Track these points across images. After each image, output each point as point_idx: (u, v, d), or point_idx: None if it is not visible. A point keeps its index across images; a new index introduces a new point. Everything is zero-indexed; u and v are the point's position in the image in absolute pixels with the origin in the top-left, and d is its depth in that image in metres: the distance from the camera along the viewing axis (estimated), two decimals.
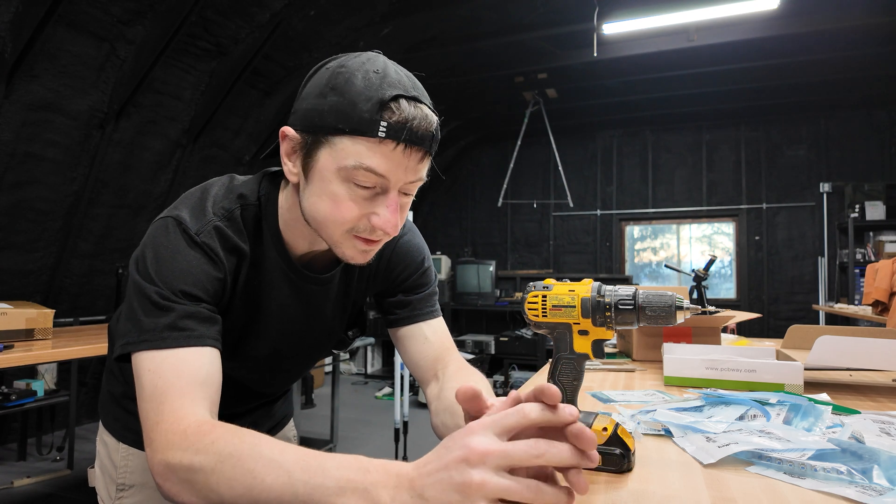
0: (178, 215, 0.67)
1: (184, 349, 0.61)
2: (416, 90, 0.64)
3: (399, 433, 3.09)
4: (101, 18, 2.85)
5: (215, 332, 0.65)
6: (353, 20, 3.77)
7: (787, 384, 0.99)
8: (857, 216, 4.86)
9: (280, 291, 0.77)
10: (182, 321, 0.62)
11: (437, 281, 0.91)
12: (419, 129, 0.62)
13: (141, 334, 0.61)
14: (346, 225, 0.65)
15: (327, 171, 0.63)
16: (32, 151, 3.00)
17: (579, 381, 0.66)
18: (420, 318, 0.85)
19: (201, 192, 0.71)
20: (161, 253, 0.65)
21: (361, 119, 0.60)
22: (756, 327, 5.36)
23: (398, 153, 0.61)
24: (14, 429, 3.49)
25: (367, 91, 0.61)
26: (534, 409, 0.43)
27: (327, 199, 0.64)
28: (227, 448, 0.51)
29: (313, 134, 0.64)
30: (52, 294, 3.49)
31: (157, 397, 0.58)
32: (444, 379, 0.79)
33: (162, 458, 0.54)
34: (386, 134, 0.60)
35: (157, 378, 0.59)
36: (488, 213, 6.65)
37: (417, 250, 0.87)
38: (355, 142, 0.61)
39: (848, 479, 0.56)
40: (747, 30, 3.95)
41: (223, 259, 0.68)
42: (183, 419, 0.56)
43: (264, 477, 0.48)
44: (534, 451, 0.40)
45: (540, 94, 5.22)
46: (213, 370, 0.63)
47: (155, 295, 0.62)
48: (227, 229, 0.69)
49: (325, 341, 0.89)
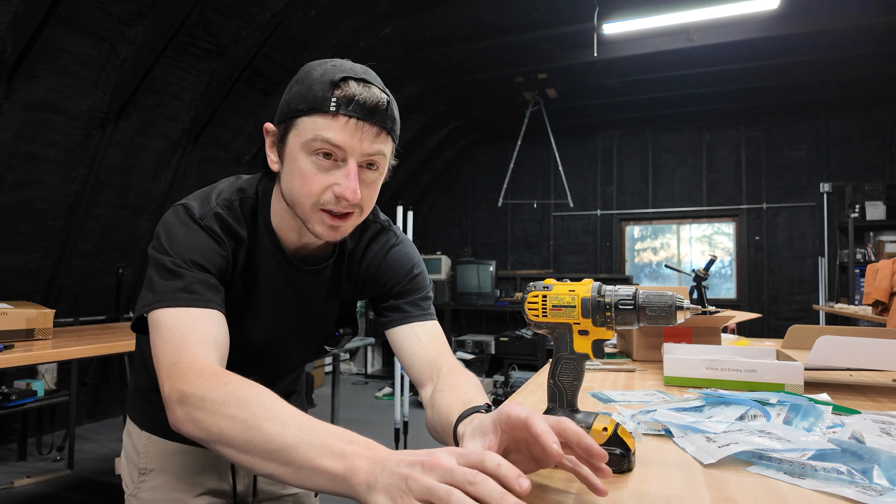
0: (187, 203, 0.77)
1: (195, 309, 0.69)
2: (367, 75, 0.73)
3: (399, 433, 3.09)
4: (101, 18, 2.85)
5: (220, 299, 0.73)
6: (353, 20, 3.77)
7: (788, 384, 0.99)
8: (857, 216, 4.86)
9: (274, 276, 0.84)
10: (193, 285, 0.70)
11: (431, 286, 0.95)
12: (367, 102, 0.70)
13: (156, 296, 0.69)
14: (312, 197, 0.72)
15: (294, 148, 0.72)
16: (33, 151, 3.00)
17: (579, 381, 0.66)
18: (411, 319, 0.88)
19: (210, 188, 0.81)
20: (173, 231, 0.74)
21: (315, 98, 0.70)
22: (756, 327, 5.36)
23: (351, 125, 0.69)
24: (14, 429, 3.49)
25: (321, 77, 0.71)
26: (492, 460, 0.46)
27: (297, 175, 0.72)
28: (236, 390, 0.58)
29: (284, 122, 0.73)
30: (53, 294, 3.49)
31: (175, 342, 0.66)
32: (438, 382, 0.80)
33: (179, 387, 0.61)
34: (336, 108, 0.69)
35: (174, 328, 0.67)
36: (488, 213, 6.65)
37: (407, 259, 0.92)
38: (313, 118, 0.70)
39: (848, 480, 0.56)
40: (747, 30, 3.95)
41: (225, 240, 0.77)
42: (200, 362, 0.63)
43: (262, 421, 0.54)
44: (470, 477, 0.44)
45: (540, 93, 5.22)
46: (221, 330, 0.70)
47: (169, 263, 0.71)
48: (227, 216, 0.78)
49: (315, 332, 0.94)
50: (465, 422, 0.64)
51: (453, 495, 0.42)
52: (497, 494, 0.43)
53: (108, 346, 2.01)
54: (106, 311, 3.82)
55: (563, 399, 0.65)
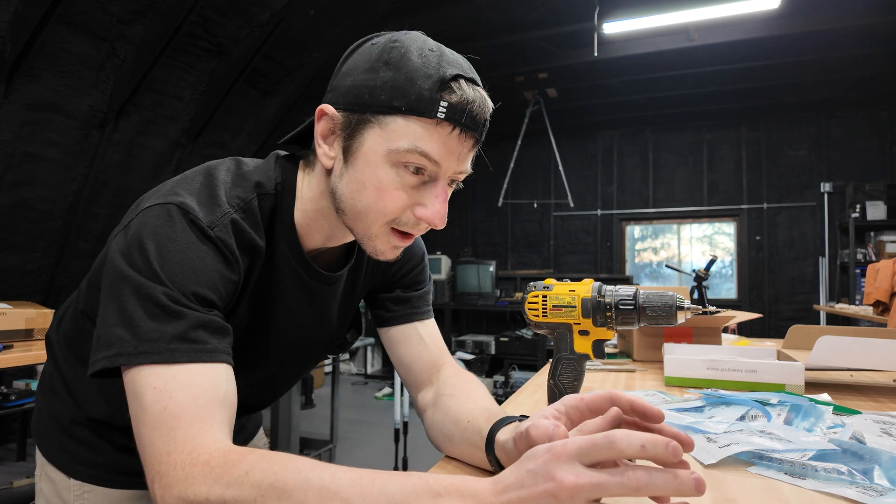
0: (184, 203, 0.56)
1: (197, 365, 0.51)
2: (473, 72, 0.60)
3: (399, 433, 3.09)
4: (100, 18, 2.85)
5: (227, 345, 0.55)
6: (353, 20, 3.77)
7: (788, 384, 0.98)
8: (857, 216, 4.86)
9: (289, 294, 0.69)
10: (194, 331, 0.52)
11: (431, 283, 0.88)
12: (478, 113, 0.57)
13: (140, 344, 0.50)
14: (388, 216, 0.59)
15: (375, 153, 0.57)
16: (32, 151, 3.00)
17: (580, 382, 0.65)
18: (416, 316, 0.81)
19: (205, 178, 0.62)
20: (166, 246, 0.53)
21: (420, 97, 0.54)
22: (757, 327, 5.36)
23: (454, 138, 0.56)
24: (13, 429, 3.49)
25: (425, 68, 0.55)
26: (627, 443, 0.38)
27: (372, 186, 0.58)
28: (266, 478, 0.44)
29: (360, 112, 0.57)
30: (52, 294, 3.49)
31: (168, 422, 0.48)
32: (440, 384, 0.76)
33: (180, 494, 0.45)
34: (445, 115, 0.55)
35: (165, 398, 0.49)
36: (488, 213, 6.65)
37: (417, 245, 0.83)
38: (410, 122, 0.55)
39: (849, 480, 0.55)
40: (748, 29, 3.95)
41: (238, 258, 0.59)
42: (204, 447, 0.47)
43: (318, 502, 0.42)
44: (631, 483, 0.36)
45: (540, 93, 5.21)
46: (230, 389, 0.53)
47: (163, 297, 0.51)
48: (245, 223, 0.60)
49: (326, 345, 0.83)
50: (505, 429, 0.57)
51: None
52: (671, 481, 0.35)
53: (46, 356, 2.01)
54: None
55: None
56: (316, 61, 4.01)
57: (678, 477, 0.36)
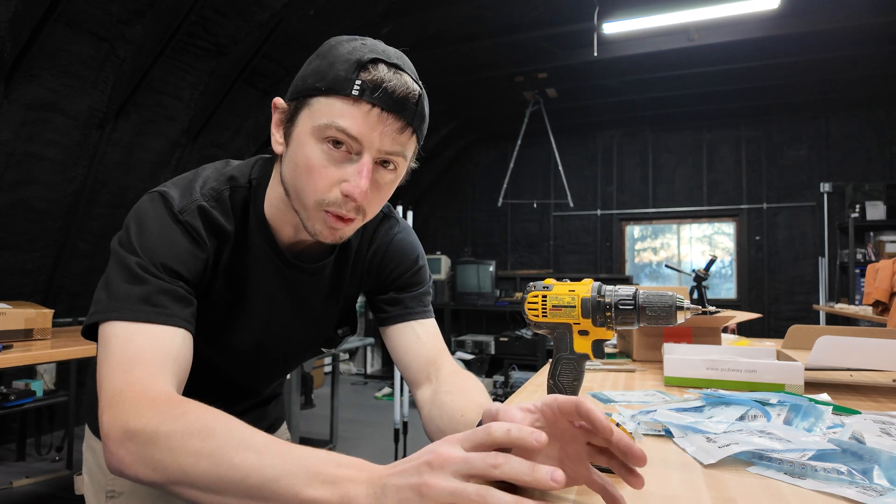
0: (166, 191, 0.67)
1: (155, 325, 0.59)
2: (401, 60, 0.64)
3: (399, 433, 3.09)
4: (100, 18, 2.85)
5: (188, 314, 0.63)
6: (353, 19, 3.77)
7: (788, 384, 0.98)
8: (857, 216, 4.86)
9: (266, 278, 0.75)
10: (156, 296, 0.60)
11: (431, 282, 0.90)
12: (396, 92, 0.60)
13: (112, 302, 0.59)
14: (316, 193, 0.64)
15: (303, 132, 0.63)
16: (32, 151, 3.00)
17: (579, 382, 0.65)
18: (411, 316, 0.83)
19: (193, 174, 0.72)
20: (146, 225, 0.64)
21: (337, 77, 0.61)
22: (756, 327, 5.36)
23: (373, 116, 0.61)
24: (13, 429, 3.48)
25: (347, 55, 0.62)
26: (499, 428, 0.43)
27: (302, 164, 0.64)
28: (197, 421, 0.49)
29: (297, 100, 0.65)
30: (52, 294, 3.49)
31: (125, 364, 0.56)
32: (438, 382, 0.78)
33: (122, 423, 0.51)
34: (360, 93, 0.60)
35: (126, 345, 0.57)
36: (488, 213, 6.65)
37: (412, 248, 0.86)
38: (330, 100, 0.61)
39: (848, 480, 0.55)
40: (747, 29, 3.95)
41: (205, 239, 0.67)
42: (152, 388, 0.54)
43: (233, 456, 0.46)
44: (491, 461, 0.40)
45: (540, 93, 5.21)
46: (184, 350, 0.61)
47: (135, 265, 0.61)
48: (213, 210, 0.68)
49: (313, 336, 0.87)
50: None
51: (489, 496, 0.38)
52: (526, 469, 0.39)
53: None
54: None
55: None
56: None
57: (536, 468, 0.40)
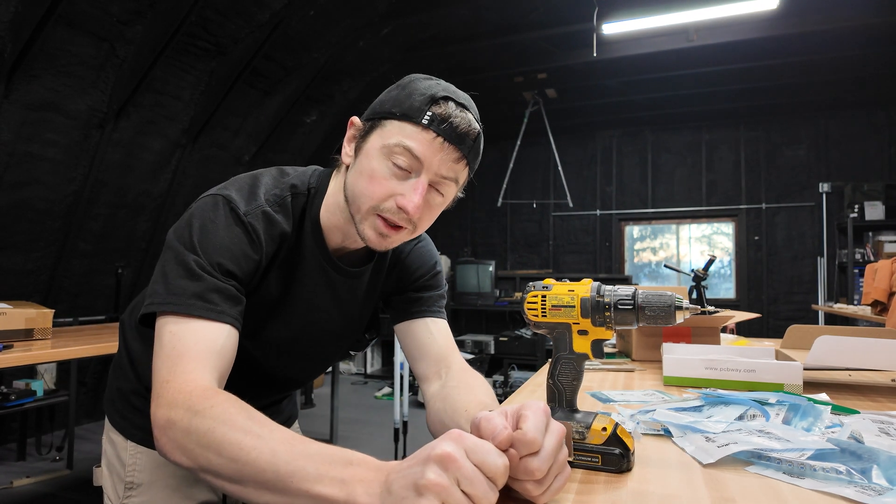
0: (228, 195, 0.71)
1: (205, 322, 0.64)
2: (468, 102, 0.73)
3: (399, 433, 3.09)
4: (100, 18, 2.85)
5: (237, 312, 0.68)
6: (353, 20, 3.77)
7: (787, 384, 0.99)
8: (856, 216, 4.86)
9: (312, 279, 0.81)
10: (209, 293, 0.65)
11: (447, 288, 0.97)
12: (459, 127, 0.69)
13: (168, 296, 0.65)
14: (373, 200, 0.70)
15: (373, 149, 0.71)
16: (32, 151, 3.00)
17: (579, 381, 0.66)
18: (427, 314, 0.90)
19: (252, 179, 0.76)
20: (207, 226, 0.69)
21: (412, 106, 0.69)
22: (755, 327, 5.36)
23: (437, 143, 0.69)
24: (13, 429, 3.48)
25: (424, 90, 0.71)
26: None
27: (366, 174, 0.71)
28: (223, 415, 0.54)
29: (372, 120, 0.73)
30: (52, 294, 3.49)
31: (174, 357, 0.62)
32: (448, 378, 0.82)
33: (164, 412, 0.58)
34: (429, 122, 0.68)
35: (176, 340, 0.63)
36: (488, 213, 6.65)
37: (430, 255, 0.94)
38: (402, 124, 0.69)
39: (847, 479, 0.56)
40: (747, 30, 3.95)
41: (263, 242, 0.72)
42: (192, 382, 0.60)
43: (249, 450, 0.50)
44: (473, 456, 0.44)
45: (540, 93, 5.21)
46: (228, 345, 0.66)
47: (192, 263, 0.66)
48: (276, 214, 0.74)
49: (345, 336, 0.92)
50: None
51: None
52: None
53: (107, 346, 2.01)
54: (105, 310, 3.81)
55: (562, 399, 0.65)
56: (315, 62, 4.01)
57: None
